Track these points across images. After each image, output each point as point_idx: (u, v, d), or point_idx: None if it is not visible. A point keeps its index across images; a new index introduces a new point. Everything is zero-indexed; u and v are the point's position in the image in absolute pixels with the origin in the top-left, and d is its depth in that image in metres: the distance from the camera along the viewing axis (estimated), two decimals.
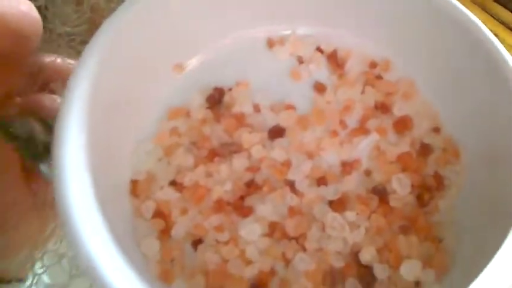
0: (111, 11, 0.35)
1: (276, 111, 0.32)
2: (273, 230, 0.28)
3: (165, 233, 0.28)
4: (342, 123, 0.32)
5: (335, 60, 0.34)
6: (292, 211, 0.29)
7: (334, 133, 0.31)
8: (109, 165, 0.28)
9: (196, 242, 0.28)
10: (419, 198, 0.29)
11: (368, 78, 0.33)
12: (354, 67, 0.34)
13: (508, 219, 0.24)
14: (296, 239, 0.28)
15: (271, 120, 0.32)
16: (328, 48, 0.35)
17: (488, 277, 0.23)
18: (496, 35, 0.37)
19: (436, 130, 0.31)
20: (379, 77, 0.34)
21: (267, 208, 0.28)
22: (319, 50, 0.35)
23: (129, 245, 0.27)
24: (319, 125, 0.32)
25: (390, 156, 0.30)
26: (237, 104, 0.32)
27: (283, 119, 0.32)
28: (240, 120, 0.31)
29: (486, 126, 0.29)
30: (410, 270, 0.26)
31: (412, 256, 0.27)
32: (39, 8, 0.39)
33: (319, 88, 0.33)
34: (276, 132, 0.31)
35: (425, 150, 0.30)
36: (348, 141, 0.31)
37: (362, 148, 0.31)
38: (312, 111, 0.32)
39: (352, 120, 0.32)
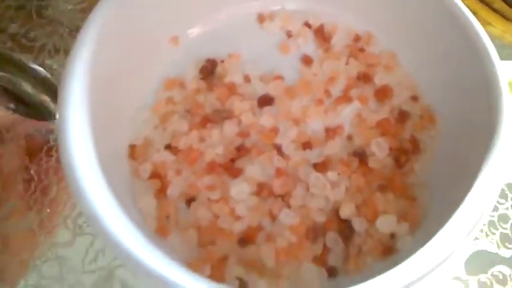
0: None
1: (265, 82, 0.34)
2: (261, 189, 0.30)
3: (161, 192, 0.31)
4: (327, 92, 0.34)
5: (322, 35, 0.36)
6: (279, 172, 0.31)
7: (320, 102, 0.33)
8: (109, 130, 0.30)
9: (190, 200, 0.30)
10: (396, 160, 0.31)
11: (352, 50, 0.36)
12: (339, 41, 0.36)
13: (472, 179, 0.26)
14: (282, 197, 0.30)
15: (260, 89, 0.34)
16: (315, 23, 0.37)
17: (453, 226, 0.25)
18: (474, 12, 0.39)
19: (415, 99, 0.34)
20: (362, 50, 0.36)
21: (255, 169, 0.31)
22: (307, 24, 0.37)
23: (128, 203, 0.29)
24: (305, 94, 0.34)
25: (370, 122, 0.32)
26: (229, 75, 0.34)
27: (272, 89, 0.34)
28: (232, 89, 0.33)
29: (460, 96, 0.31)
30: (386, 223, 0.29)
31: (388, 212, 0.29)
32: None
33: (306, 60, 0.35)
34: (265, 101, 0.33)
35: (403, 116, 0.33)
36: (332, 109, 0.33)
37: (345, 115, 0.33)
38: (299, 82, 0.34)
39: (336, 90, 0.34)
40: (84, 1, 0.41)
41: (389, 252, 0.28)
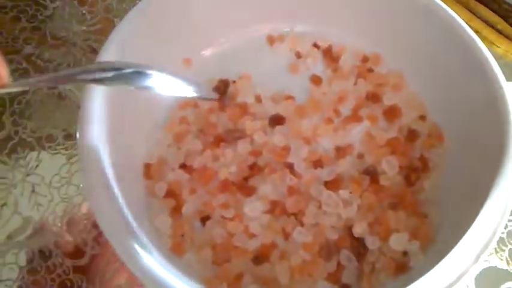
0: (123, 11, 0.39)
1: (276, 101, 0.35)
2: (274, 207, 0.31)
3: (176, 211, 0.31)
4: (336, 111, 0.35)
5: (330, 55, 0.37)
6: (291, 190, 0.31)
7: (329, 121, 0.34)
8: (125, 150, 0.31)
9: (205, 219, 0.31)
10: (406, 178, 0.32)
11: (360, 71, 0.36)
12: (347, 61, 0.37)
13: (482, 196, 0.27)
14: (295, 215, 0.31)
15: (271, 109, 0.34)
16: (324, 44, 0.38)
17: (465, 246, 0.25)
18: (478, 32, 0.40)
19: (422, 118, 0.34)
20: (370, 70, 0.37)
21: (268, 188, 0.31)
22: (315, 45, 0.38)
23: (143, 221, 0.29)
24: (315, 113, 0.35)
25: (380, 141, 0.33)
26: (241, 95, 0.35)
27: (283, 108, 0.34)
28: (243, 109, 0.34)
29: (467, 115, 0.32)
30: (398, 241, 0.29)
31: (400, 229, 0.30)
32: (57, 9, 0.42)
33: (316, 80, 0.36)
34: (276, 120, 0.34)
35: (412, 135, 0.33)
36: (342, 128, 0.34)
37: (355, 134, 0.34)
38: (308, 101, 0.35)
39: (345, 109, 0.35)
40: (97, 23, 0.42)
41: (402, 270, 0.29)
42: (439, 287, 0.24)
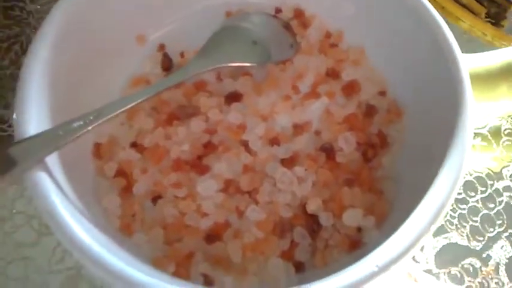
0: None
1: (234, 78, 0.34)
2: (228, 186, 0.30)
3: (126, 191, 0.30)
4: (295, 88, 0.34)
5: (302, 20, 0.36)
6: (246, 168, 0.31)
7: (287, 98, 0.33)
8: None
9: (156, 198, 0.30)
10: (364, 154, 0.31)
11: (322, 46, 0.35)
12: (312, 35, 0.36)
13: (435, 170, 0.26)
14: (249, 193, 0.30)
15: (228, 86, 0.33)
16: (288, 10, 0.36)
17: (416, 218, 0.25)
18: (443, 7, 0.39)
19: (382, 93, 0.34)
20: (333, 45, 0.36)
21: (222, 166, 0.30)
22: (276, 10, 0.36)
23: (91, 202, 0.28)
24: (273, 90, 0.34)
25: (338, 117, 0.32)
26: None
27: (240, 85, 0.33)
28: (199, 86, 0.33)
29: (426, 90, 0.31)
30: (352, 217, 0.29)
31: (355, 206, 0.29)
32: None
33: None
34: (233, 97, 0.33)
35: (370, 111, 0.33)
36: (300, 104, 0.33)
37: (313, 111, 0.33)
38: (267, 78, 0.34)
39: (304, 86, 0.34)
40: (52, 1, 0.40)
41: (356, 246, 0.28)
42: (388, 259, 0.24)
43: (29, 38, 0.39)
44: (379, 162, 0.31)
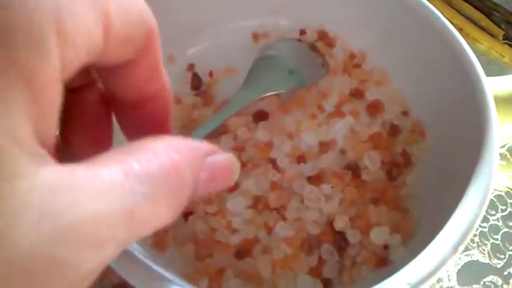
0: None
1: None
2: (257, 202, 0.31)
3: None
4: (320, 107, 0.35)
5: (326, 39, 0.37)
6: (274, 185, 0.31)
7: (313, 116, 0.34)
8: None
9: (187, 214, 0.31)
10: (388, 173, 0.32)
11: (346, 66, 0.37)
12: (337, 54, 0.37)
13: (461, 189, 0.27)
14: (277, 210, 0.31)
15: (256, 105, 0.35)
16: (312, 33, 0.38)
17: (444, 237, 0.26)
18: (461, 29, 0.40)
19: (405, 113, 0.35)
20: (357, 66, 0.37)
21: (251, 183, 0.31)
22: (302, 32, 0.38)
23: None
24: (298, 109, 0.35)
25: (363, 136, 0.33)
26: (217, 86, 0.35)
27: (267, 104, 0.35)
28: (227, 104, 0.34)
29: (449, 111, 0.32)
30: (379, 235, 0.29)
31: (381, 223, 0.30)
32: None
33: None
34: (260, 116, 0.34)
35: (394, 130, 0.33)
36: (325, 123, 0.34)
37: (338, 129, 0.34)
38: (292, 98, 0.35)
39: (329, 106, 0.35)
40: None
41: (383, 263, 0.29)
42: (418, 278, 0.24)
43: None
44: (403, 181, 0.32)
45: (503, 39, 0.41)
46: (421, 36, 0.34)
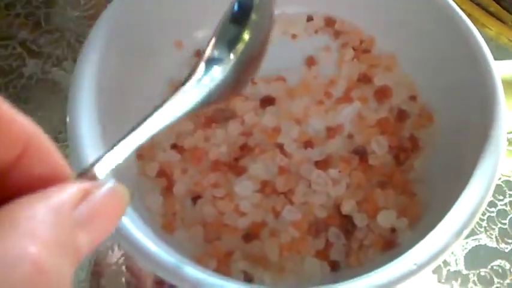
0: None
1: (267, 83, 0.35)
2: (264, 186, 0.31)
3: (167, 190, 0.31)
4: (328, 94, 0.35)
5: (333, 27, 0.37)
6: (282, 170, 0.32)
7: (320, 102, 0.34)
8: (117, 131, 0.31)
9: (196, 198, 0.31)
10: (396, 157, 0.32)
11: (356, 52, 0.37)
12: (345, 40, 0.37)
13: (468, 173, 0.27)
14: (284, 194, 0.31)
15: (263, 90, 0.35)
16: (319, 19, 0.38)
17: (450, 220, 0.26)
18: (470, 15, 0.40)
19: (413, 98, 0.34)
20: (366, 51, 0.37)
21: (259, 167, 0.32)
22: (309, 18, 0.38)
23: (135, 200, 0.30)
24: (306, 95, 0.35)
25: (370, 121, 0.33)
26: None
27: (274, 89, 0.35)
28: None
29: (457, 95, 0.32)
30: (386, 218, 0.30)
31: (388, 207, 0.30)
32: None
33: (310, 62, 0.36)
34: (267, 101, 0.34)
35: (402, 115, 0.33)
36: (333, 108, 0.34)
37: (345, 115, 0.34)
38: (300, 83, 0.35)
39: (337, 92, 0.35)
40: (91, 8, 0.42)
41: (390, 246, 0.29)
42: (425, 260, 0.25)
43: (70, 43, 0.41)
44: (411, 166, 0.32)
45: None
46: (430, 21, 0.34)
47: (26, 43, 0.41)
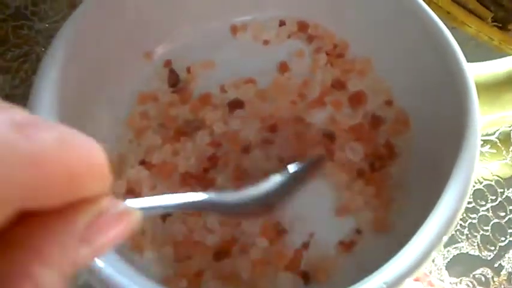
0: None
1: (237, 87, 0.34)
2: None
3: None
4: (301, 95, 0.34)
5: (306, 31, 0.36)
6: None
7: (293, 103, 0.33)
8: None
9: (165, 215, 0.30)
10: (371, 165, 0.31)
11: (329, 57, 0.35)
12: (318, 45, 0.36)
13: (444, 180, 0.26)
14: None
15: (232, 95, 0.34)
16: (292, 24, 0.37)
17: (428, 228, 0.25)
18: (448, 12, 0.39)
19: (389, 103, 0.33)
20: (340, 55, 0.36)
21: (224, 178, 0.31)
22: (281, 23, 0.37)
23: None
24: (278, 97, 0.34)
25: (344, 125, 0.32)
26: (200, 82, 0.34)
27: (243, 92, 0.34)
28: (205, 100, 0.34)
29: (432, 99, 0.31)
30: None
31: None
32: (18, 8, 0.41)
33: (283, 68, 0.35)
34: (235, 105, 0.33)
35: (376, 121, 0.32)
36: (305, 111, 0.33)
37: (318, 118, 0.33)
38: (271, 85, 0.34)
39: (310, 95, 0.34)
40: (60, 20, 0.41)
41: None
42: (402, 273, 0.23)
43: (39, 57, 0.39)
44: (388, 173, 0.31)
45: (492, 22, 0.40)
46: (403, 24, 0.33)
47: None
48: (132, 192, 0.31)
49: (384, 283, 0.23)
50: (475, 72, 0.30)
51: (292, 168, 0.26)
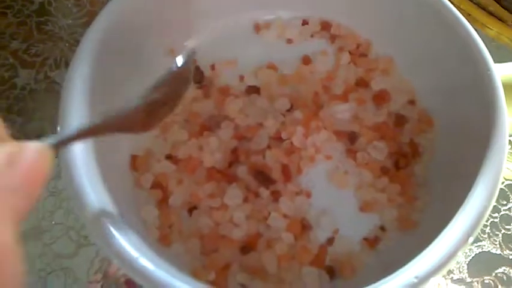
0: None
1: (256, 75, 0.35)
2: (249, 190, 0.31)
3: (163, 202, 0.31)
4: (325, 88, 0.34)
5: (329, 31, 0.37)
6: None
7: (316, 93, 0.34)
8: (110, 142, 0.30)
9: (192, 209, 0.31)
10: (395, 163, 0.31)
11: (353, 56, 0.36)
12: (341, 44, 0.37)
13: (470, 180, 0.26)
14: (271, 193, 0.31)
15: (250, 82, 0.35)
16: (315, 23, 0.37)
17: (454, 228, 0.25)
18: (469, 14, 0.39)
19: (412, 102, 0.34)
20: (363, 55, 0.36)
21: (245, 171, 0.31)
22: (304, 22, 0.37)
23: (130, 213, 0.29)
24: (300, 86, 0.34)
25: (367, 122, 0.33)
26: (223, 79, 0.35)
27: (264, 76, 0.34)
28: (225, 92, 0.34)
29: (456, 99, 0.31)
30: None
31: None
32: (42, 4, 0.42)
33: (306, 61, 0.36)
34: (253, 90, 0.34)
35: (400, 120, 0.33)
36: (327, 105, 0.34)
37: (339, 112, 0.33)
38: (294, 74, 0.35)
39: (335, 89, 0.34)
40: (83, 16, 0.41)
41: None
42: (431, 269, 0.24)
43: (63, 52, 0.40)
44: (411, 171, 0.31)
45: None
46: (428, 23, 0.33)
47: (17, 53, 0.40)
48: (159, 185, 0.31)
49: (415, 277, 0.23)
50: (500, 72, 0.30)
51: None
